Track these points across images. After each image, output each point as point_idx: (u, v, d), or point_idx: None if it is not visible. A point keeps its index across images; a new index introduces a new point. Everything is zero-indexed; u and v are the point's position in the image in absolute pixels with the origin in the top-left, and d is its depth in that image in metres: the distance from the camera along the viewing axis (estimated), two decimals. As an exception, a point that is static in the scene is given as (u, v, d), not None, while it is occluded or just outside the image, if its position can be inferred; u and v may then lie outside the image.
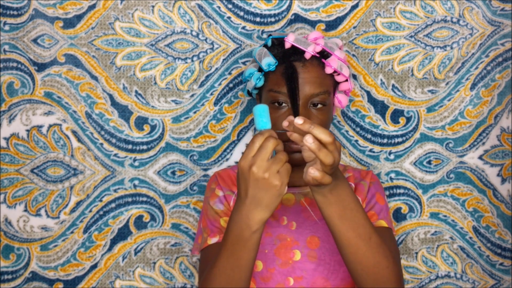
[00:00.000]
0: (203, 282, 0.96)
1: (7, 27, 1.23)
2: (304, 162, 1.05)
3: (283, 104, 1.05)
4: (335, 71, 1.07)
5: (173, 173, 1.28)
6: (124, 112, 1.27)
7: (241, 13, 1.27)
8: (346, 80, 1.10)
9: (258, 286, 1.05)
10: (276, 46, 1.09)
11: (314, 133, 0.81)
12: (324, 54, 1.08)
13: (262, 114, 0.86)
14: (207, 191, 1.15)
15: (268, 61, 1.06)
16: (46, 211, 1.26)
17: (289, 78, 1.02)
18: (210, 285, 0.93)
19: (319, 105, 1.05)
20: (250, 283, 0.95)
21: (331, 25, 1.28)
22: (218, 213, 1.09)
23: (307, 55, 1.05)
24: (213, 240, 1.06)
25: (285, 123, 0.86)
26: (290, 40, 1.07)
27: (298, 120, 0.81)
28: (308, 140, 0.80)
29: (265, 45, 1.11)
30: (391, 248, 1.03)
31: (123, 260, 1.28)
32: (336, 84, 1.11)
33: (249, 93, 1.16)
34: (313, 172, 0.83)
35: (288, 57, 1.05)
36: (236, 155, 1.29)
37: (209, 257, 1.01)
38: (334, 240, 0.93)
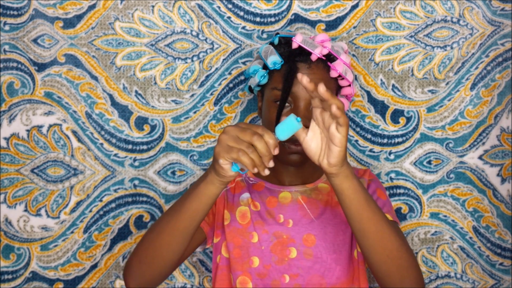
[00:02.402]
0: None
1: (7, 27, 1.23)
2: (300, 163, 1.06)
3: (286, 104, 1.05)
4: (339, 75, 1.08)
5: (173, 173, 1.28)
6: (124, 112, 1.27)
7: (241, 13, 1.27)
8: (349, 85, 1.10)
9: (254, 282, 1.05)
10: (283, 45, 1.09)
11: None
12: (330, 58, 1.08)
13: (290, 127, 0.84)
14: None
15: (274, 59, 1.06)
16: (46, 211, 1.26)
17: (287, 77, 1.02)
18: (155, 223, 0.99)
19: None
20: (183, 247, 0.98)
21: (331, 25, 1.28)
22: None
23: (313, 57, 1.05)
24: None
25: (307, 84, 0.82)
26: (297, 41, 1.06)
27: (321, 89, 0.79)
28: (321, 89, 0.78)
29: (272, 43, 1.11)
30: None
31: (123, 260, 1.28)
32: (339, 88, 1.11)
33: (250, 89, 1.16)
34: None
35: (293, 57, 1.05)
36: (236, 155, 1.29)
37: None
38: (357, 232, 0.92)
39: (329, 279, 1.05)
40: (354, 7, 1.28)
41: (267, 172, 0.84)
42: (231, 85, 1.28)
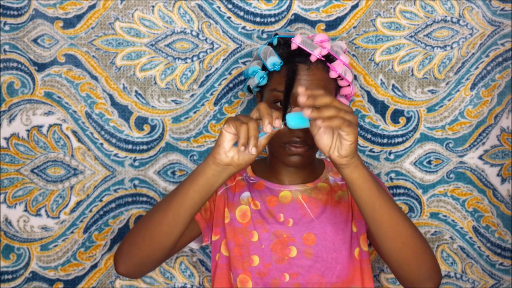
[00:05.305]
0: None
1: (7, 27, 1.23)
2: (300, 165, 1.06)
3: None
4: (339, 76, 1.07)
5: (173, 173, 1.28)
6: (124, 112, 1.27)
7: (241, 13, 1.27)
8: (349, 85, 1.10)
9: (254, 281, 1.05)
10: (282, 45, 1.09)
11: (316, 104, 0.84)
12: (329, 58, 1.08)
13: (299, 121, 0.88)
14: None
15: (273, 60, 1.06)
16: (46, 211, 1.26)
17: (289, 78, 1.02)
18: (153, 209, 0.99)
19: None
20: (179, 231, 0.97)
21: (331, 25, 1.28)
22: None
23: (313, 58, 1.05)
24: None
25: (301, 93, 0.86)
26: (297, 42, 1.06)
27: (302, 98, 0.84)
28: (306, 113, 0.83)
29: (270, 44, 1.11)
30: None
31: (123, 260, 1.28)
32: (338, 88, 1.11)
33: (249, 89, 1.16)
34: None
35: (293, 58, 1.05)
36: (236, 155, 1.29)
37: None
38: (371, 223, 0.94)
39: (329, 278, 1.05)
40: (354, 7, 1.28)
41: (253, 151, 0.87)
42: (231, 85, 1.28)
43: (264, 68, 1.09)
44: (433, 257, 0.98)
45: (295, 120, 0.88)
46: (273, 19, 1.27)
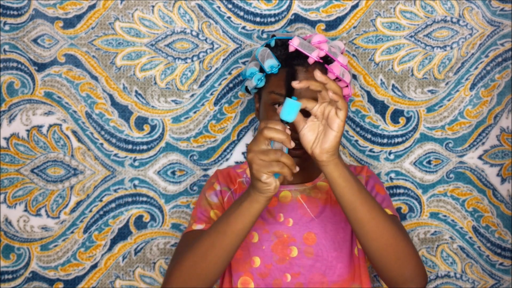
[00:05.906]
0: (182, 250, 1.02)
1: (7, 27, 1.23)
2: (299, 166, 1.06)
3: None
4: (337, 77, 1.07)
5: (173, 173, 1.28)
6: (124, 112, 1.27)
7: (241, 13, 1.27)
8: (347, 86, 1.10)
9: (256, 282, 1.06)
10: (280, 47, 1.08)
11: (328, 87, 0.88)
12: (327, 59, 1.08)
13: (291, 108, 0.89)
14: (206, 184, 1.17)
15: (271, 63, 1.06)
16: (46, 211, 1.26)
17: (288, 84, 1.02)
18: (190, 250, 0.99)
19: None
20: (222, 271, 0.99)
21: (331, 25, 1.28)
22: (211, 204, 1.10)
23: (311, 61, 1.05)
24: (198, 227, 1.06)
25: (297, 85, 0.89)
26: (294, 45, 1.06)
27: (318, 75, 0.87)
28: (317, 74, 0.87)
29: (268, 45, 1.11)
30: None
31: (123, 260, 1.28)
32: None
33: (247, 90, 1.16)
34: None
35: (291, 61, 1.05)
36: (236, 155, 1.29)
37: (189, 241, 1.03)
38: (353, 222, 0.95)
39: (331, 277, 1.05)
40: (354, 7, 1.28)
41: (297, 169, 0.89)
42: (231, 85, 1.28)
43: (261, 70, 1.09)
44: (418, 259, 0.98)
45: (288, 111, 0.89)
46: (273, 19, 1.27)
